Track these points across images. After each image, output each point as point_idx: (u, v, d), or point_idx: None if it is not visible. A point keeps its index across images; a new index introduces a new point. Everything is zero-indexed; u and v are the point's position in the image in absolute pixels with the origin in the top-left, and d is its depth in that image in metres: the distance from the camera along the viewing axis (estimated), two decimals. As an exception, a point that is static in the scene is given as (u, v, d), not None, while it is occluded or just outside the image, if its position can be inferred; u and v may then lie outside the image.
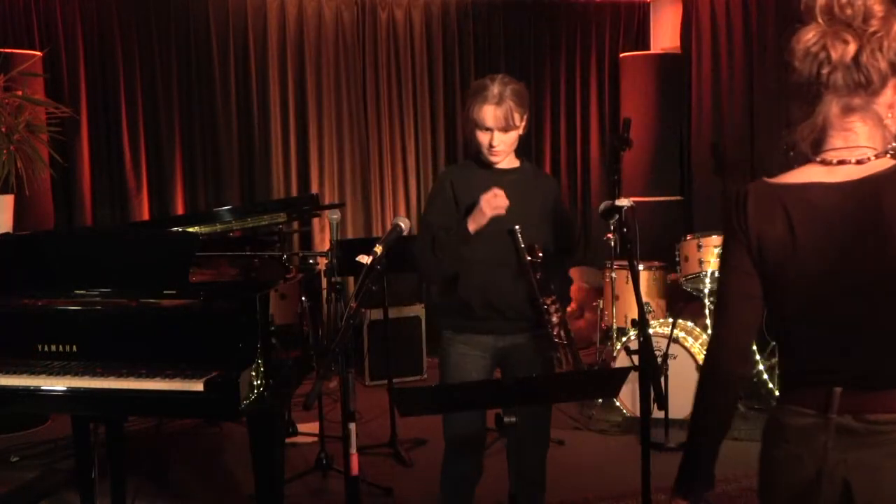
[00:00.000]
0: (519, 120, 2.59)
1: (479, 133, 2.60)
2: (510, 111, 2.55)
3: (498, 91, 2.55)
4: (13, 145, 4.48)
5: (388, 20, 6.70)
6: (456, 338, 2.68)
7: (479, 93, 2.57)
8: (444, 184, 2.71)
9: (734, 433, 4.44)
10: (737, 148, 6.57)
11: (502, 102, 2.54)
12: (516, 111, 2.57)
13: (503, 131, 2.58)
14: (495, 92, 2.55)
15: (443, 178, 2.79)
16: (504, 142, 2.60)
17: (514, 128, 2.60)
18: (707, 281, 4.72)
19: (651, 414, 2.35)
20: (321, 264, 4.08)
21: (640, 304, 2.37)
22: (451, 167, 2.87)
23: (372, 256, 2.12)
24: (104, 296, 2.94)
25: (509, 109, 2.55)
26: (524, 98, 2.61)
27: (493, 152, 2.61)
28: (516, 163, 2.73)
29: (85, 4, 5.95)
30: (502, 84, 2.57)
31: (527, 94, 2.64)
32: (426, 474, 4.09)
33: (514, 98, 2.56)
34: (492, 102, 2.55)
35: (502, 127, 2.57)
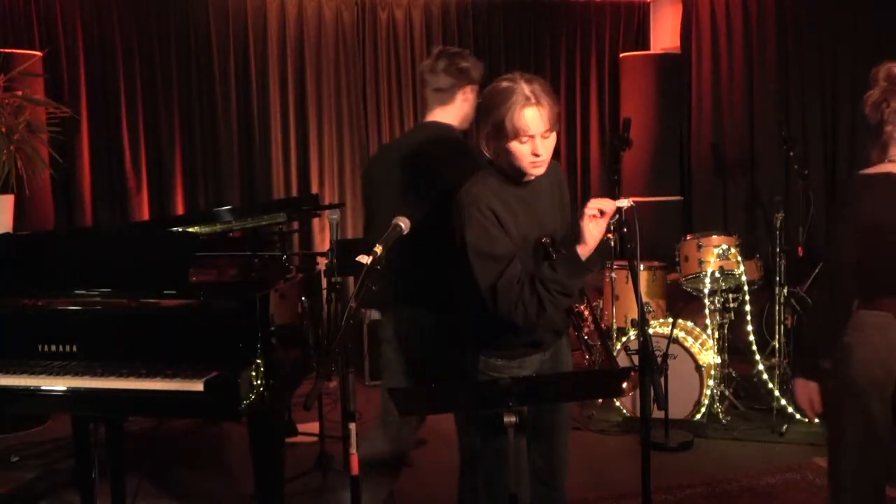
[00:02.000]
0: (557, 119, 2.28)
1: (517, 144, 2.22)
2: (551, 109, 2.22)
3: (531, 90, 2.19)
4: (13, 145, 4.48)
5: (388, 20, 6.69)
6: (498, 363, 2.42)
7: (508, 98, 2.19)
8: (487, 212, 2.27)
9: (734, 433, 4.44)
10: (737, 148, 6.57)
11: (541, 101, 2.20)
12: (555, 107, 2.25)
13: (545, 136, 2.24)
14: (528, 92, 2.19)
15: (480, 206, 2.28)
16: (547, 148, 2.26)
17: (555, 129, 2.27)
18: (707, 281, 4.72)
19: (651, 414, 2.34)
20: (321, 264, 4.08)
21: (640, 304, 2.37)
22: (479, 190, 2.31)
23: (372, 256, 2.12)
24: (104, 296, 2.94)
25: (550, 107, 2.22)
26: (552, 91, 2.27)
27: (537, 164, 2.26)
28: None
29: (85, 4, 5.95)
30: (528, 81, 2.22)
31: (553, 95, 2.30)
32: (426, 474, 4.09)
33: (547, 95, 2.22)
34: (532, 104, 2.18)
35: (546, 130, 2.23)
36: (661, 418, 4.24)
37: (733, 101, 6.57)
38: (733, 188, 6.62)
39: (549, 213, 2.43)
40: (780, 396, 4.57)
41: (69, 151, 5.74)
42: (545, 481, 2.60)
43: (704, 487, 3.77)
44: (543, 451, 2.60)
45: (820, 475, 3.86)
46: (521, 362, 2.44)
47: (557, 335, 2.51)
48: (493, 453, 2.50)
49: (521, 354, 2.44)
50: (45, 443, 4.53)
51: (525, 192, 2.38)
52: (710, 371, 4.60)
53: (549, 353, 2.52)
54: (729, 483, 3.81)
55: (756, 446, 4.28)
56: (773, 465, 4.00)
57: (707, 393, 4.54)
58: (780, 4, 6.25)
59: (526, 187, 2.39)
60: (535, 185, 2.41)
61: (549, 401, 2.48)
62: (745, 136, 6.51)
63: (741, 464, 4.05)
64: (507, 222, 2.30)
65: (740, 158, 6.54)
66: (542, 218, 2.41)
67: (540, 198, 2.42)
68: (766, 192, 6.19)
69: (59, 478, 3.98)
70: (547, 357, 2.51)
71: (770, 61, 6.30)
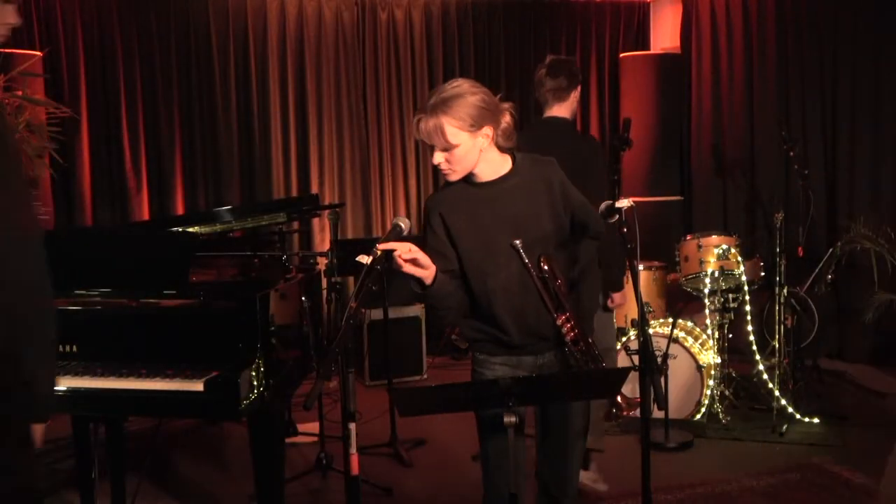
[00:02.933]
0: (459, 136, 2.25)
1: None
2: (439, 129, 2.24)
3: (433, 102, 2.25)
4: (13, 145, 4.47)
5: (388, 20, 6.69)
6: (491, 360, 2.46)
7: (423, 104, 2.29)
8: (433, 221, 2.40)
9: (734, 433, 4.44)
10: (737, 148, 6.58)
11: (431, 118, 2.24)
12: (451, 126, 2.24)
13: (442, 150, 2.28)
14: (430, 103, 2.25)
15: (430, 210, 2.41)
16: (447, 159, 2.30)
17: (453, 146, 2.26)
18: (707, 281, 4.72)
19: (651, 414, 2.34)
20: (321, 264, 4.08)
21: (640, 304, 2.37)
22: (435, 195, 2.46)
23: (372, 256, 2.12)
24: (104, 296, 2.95)
25: (438, 126, 2.24)
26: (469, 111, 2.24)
27: (441, 170, 2.35)
28: (507, 165, 2.40)
29: (85, 4, 5.95)
30: (439, 94, 2.26)
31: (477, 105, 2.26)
32: (426, 474, 4.09)
33: (447, 111, 2.23)
34: (425, 115, 2.26)
35: (438, 145, 2.27)
36: (661, 418, 4.24)
37: (733, 101, 6.57)
38: (733, 188, 6.62)
39: (526, 215, 2.38)
40: (780, 396, 4.57)
41: (69, 151, 5.74)
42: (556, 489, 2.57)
43: (704, 487, 3.77)
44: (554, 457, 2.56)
45: (820, 475, 3.87)
46: (506, 359, 2.44)
47: (544, 340, 2.44)
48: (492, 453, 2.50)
49: (507, 353, 2.44)
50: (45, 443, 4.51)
51: (490, 192, 2.38)
52: (710, 371, 4.60)
53: (547, 359, 2.47)
54: (729, 483, 3.81)
55: (756, 446, 4.29)
56: (773, 465, 4.00)
57: (707, 393, 4.54)
58: (780, 4, 6.25)
59: (488, 187, 2.38)
60: (505, 186, 2.39)
61: (549, 401, 2.48)
62: (745, 136, 6.51)
63: (741, 464, 4.05)
64: (459, 226, 2.36)
65: (740, 158, 6.55)
66: (516, 220, 2.37)
67: (511, 198, 2.38)
68: (766, 192, 6.20)
69: (59, 478, 3.98)
70: (544, 362, 2.46)
71: (770, 61, 6.30)
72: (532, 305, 2.39)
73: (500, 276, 2.37)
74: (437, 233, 2.38)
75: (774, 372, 4.77)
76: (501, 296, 2.37)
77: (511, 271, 2.37)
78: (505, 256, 2.36)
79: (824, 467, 3.95)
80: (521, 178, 2.41)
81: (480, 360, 2.49)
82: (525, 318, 2.39)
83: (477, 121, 2.27)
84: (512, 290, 2.37)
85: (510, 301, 2.38)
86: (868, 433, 4.40)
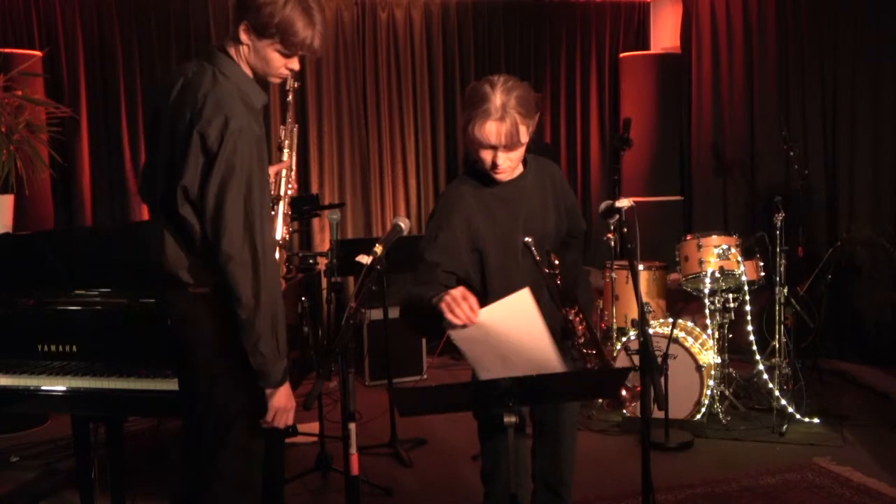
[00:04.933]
0: (525, 134, 2.27)
1: (482, 150, 2.29)
2: (515, 126, 2.22)
3: (501, 103, 2.21)
4: (13, 145, 4.47)
5: (388, 20, 6.70)
6: None
7: (479, 105, 2.23)
8: (455, 219, 2.35)
9: (734, 433, 4.44)
10: (737, 148, 6.58)
11: (506, 117, 2.21)
12: (523, 124, 2.24)
13: (508, 150, 2.27)
14: (497, 105, 2.21)
15: (451, 208, 2.37)
16: (510, 159, 2.30)
17: (521, 144, 2.28)
18: (707, 281, 4.72)
19: (651, 414, 2.34)
20: (321, 264, 4.08)
21: (640, 304, 2.37)
22: (450, 189, 2.43)
23: (372, 256, 2.12)
24: (104, 296, 2.94)
25: (514, 124, 2.22)
26: (530, 105, 2.26)
27: (498, 171, 2.31)
28: (521, 165, 2.44)
29: (85, 4, 5.95)
30: (505, 93, 2.23)
31: (533, 97, 2.28)
32: (426, 474, 4.09)
33: (519, 109, 2.22)
34: (494, 118, 2.21)
35: (507, 145, 2.25)
36: (661, 418, 4.24)
37: (733, 101, 6.57)
38: (733, 188, 6.62)
39: (535, 213, 2.41)
40: (780, 396, 4.57)
41: (69, 151, 5.74)
42: (552, 488, 2.56)
43: (704, 487, 3.77)
44: (549, 456, 2.56)
45: (820, 475, 3.87)
46: None
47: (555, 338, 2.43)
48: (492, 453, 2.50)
49: None
50: (45, 443, 4.52)
51: (505, 191, 2.40)
52: (710, 371, 4.60)
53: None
54: (729, 483, 3.81)
55: (756, 446, 4.28)
56: (773, 465, 4.00)
57: (707, 393, 4.54)
58: (780, 4, 6.25)
59: (506, 187, 2.40)
60: (518, 185, 2.41)
61: (549, 401, 2.47)
62: (745, 136, 6.51)
63: (741, 464, 4.05)
64: (484, 229, 2.34)
65: (740, 158, 6.55)
66: (527, 218, 2.39)
67: (524, 197, 2.41)
68: (766, 192, 6.19)
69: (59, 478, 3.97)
70: None
71: (770, 61, 6.30)
72: (544, 301, 2.37)
73: (518, 276, 2.38)
74: (456, 234, 2.34)
75: (774, 372, 4.77)
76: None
77: (525, 269, 2.38)
78: (521, 254, 2.37)
79: (824, 467, 3.95)
80: (532, 177, 2.45)
81: None
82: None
83: (534, 116, 2.30)
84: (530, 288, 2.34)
85: None
86: (868, 433, 4.40)
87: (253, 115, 2.20)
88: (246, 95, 2.22)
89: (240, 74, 2.24)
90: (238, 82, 2.22)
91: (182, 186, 2.15)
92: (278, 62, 2.24)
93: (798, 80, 6.13)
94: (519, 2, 7.03)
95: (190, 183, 2.14)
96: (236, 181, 2.11)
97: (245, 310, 2.13)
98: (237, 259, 2.12)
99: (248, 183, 2.13)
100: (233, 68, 2.23)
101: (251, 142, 2.14)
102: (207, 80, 2.18)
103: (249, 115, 2.18)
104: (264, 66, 2.25)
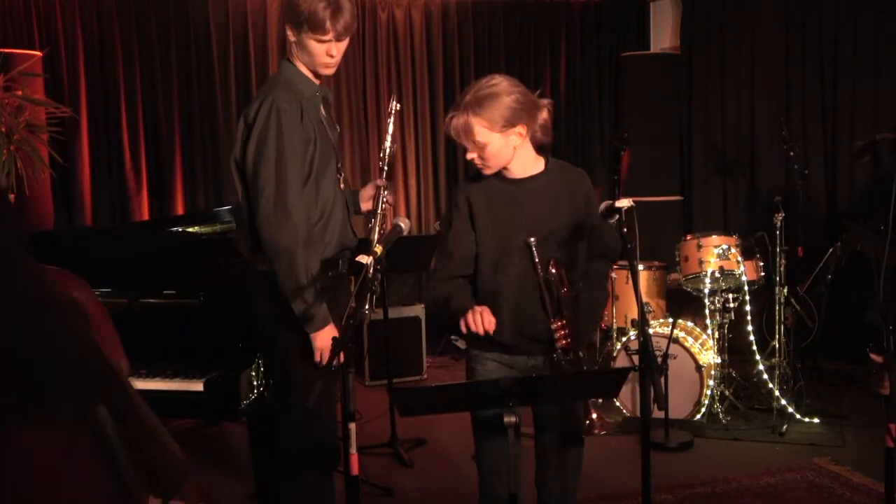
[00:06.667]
0: (485, 135, 2.31)
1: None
2: (467, 125, 2.31)
3: (465, 100, 2.33)
4: (13, 145, 4.48)
5: (388, 20, 6.70)
6: (484, 355, 2.49)
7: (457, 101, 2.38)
8: (460, 202, 2.47)
9: (734, 433, 4.44)
10: (737, 148, 6.57)
11: (460, 115, 2.32)
12: (478, 124, 2.30)
13: (472, 145, 2.35)
14: (463, 101, 2.33)
15: (457, 195, 2.50)
16: (479, 157, 2.37)
17: (476, 142, 2.33)
18: (707, 281, 4.72)
19: (651, 414, 2.34)
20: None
21: (640, 304, 2.37)
22: (465, 182, 2.53)
23: (372, 256, 2.12)
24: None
25: (466, 122, 2.31)
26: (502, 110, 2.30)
27: (480, 167, 2.41)
28: (539, 166, 2.47)
29: (85, 4, 5.95)
30: (475, 92, 2.32)
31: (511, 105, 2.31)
32: (426, 474, 4.09)
33: (476, 110, 2.30)
34: (454, 112, 2.34)
35: (463, 139, 2.35)
36: (661, 418, 4.24)
37: (733, 101, 6.57)
38: (733, 188, 6.62)
39: (543, 217, 2.41)
40: (780, 396, 4.57)
41: (69, 151, 5.74)
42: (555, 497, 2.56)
43: (704, 487, 3.77)
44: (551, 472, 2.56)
45: (820, 475, 3.87)
46: (498, 356, 2.47)
47: (536, 343, 2.44)
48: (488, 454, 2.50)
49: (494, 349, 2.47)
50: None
51: (516, 189, 2.44)
52: (710, 371, 4.60)
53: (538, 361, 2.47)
54: (729, 483, 3.81)
55: (756, 446, 4.28)
56: (773, 465, 4.00)
57: (707, 393, 4.54)
58: (779, 4, 6.25)
59: (518, 185, 2.44)
60: (528, 186, 2.44)
61: (550, 401, 2.48)
62: (745, 136, 6.51)
63: (741, 464, 4.05)
64: (481, 213, 2.43)
65: (740, 158, 6.54)
66: (532, 220, 2.41)
67: (533, 199, 2.42)
68: (766, 192, 6.19)
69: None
70: (536, 364, 2.47)
71: (770, 61, 6.30)
72: (531, 306, 2.40)
73: (511, 273, 2.40)
74: (462, 213, 2.46)
75: (774, 372, 4.76)
76: (507, 292, 2.41)
77: (520, 270, 2.39)
78: (518, 254, 2.39)
79: (824, 467, 3.95)
80: (549, 180, 2.47)
81: (474, 356, 2.53)
82: (521, 319, 2.41)
83: (509, 120, 2.33)
84: (517, 289, 2.40)
85: (513, 299, 2.40)
86: (868, 433, 4.40)
87: (296, 99, 2.53)
88: (293, 85, 2.58)
89: (290, 70, 2.62)
90: (288, 76, 2.61)
91: (233, 158, 2.59)
92: (318, 50, 2.56)
93: (798, 80, 6.13)
94: (519, 2, 7.03)
95: (238, 154, 2.57)
96: (269, 148, 2.46)
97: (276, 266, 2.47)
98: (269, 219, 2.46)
99: (277, 149, 2.46)
100: (286, 66, 2.63)
101: (286, 117, 2.47)
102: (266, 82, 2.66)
103: (291, 98, 2.52)
104: (309, 57, 2.58)
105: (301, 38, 2.55)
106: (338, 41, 2.56)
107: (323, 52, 2.56)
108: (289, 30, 2.58)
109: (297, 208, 2.50)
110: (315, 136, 2.58)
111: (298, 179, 2.52)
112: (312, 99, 2.63)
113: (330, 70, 2.63)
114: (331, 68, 2.62)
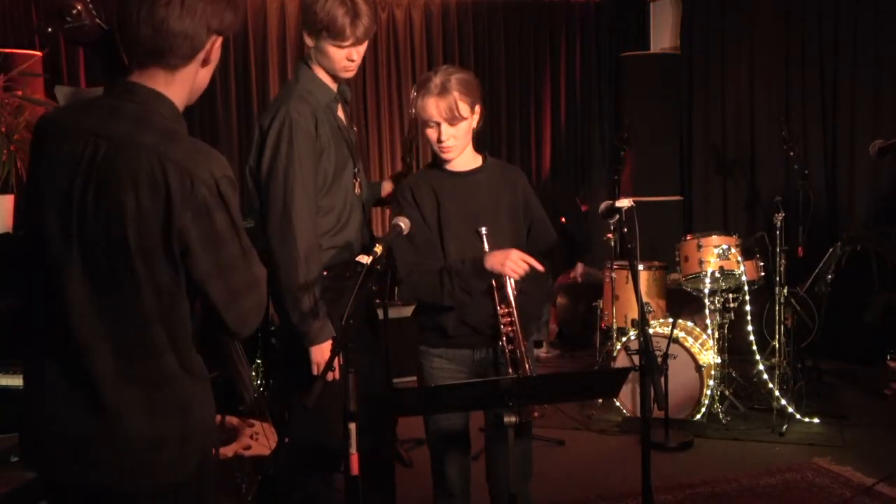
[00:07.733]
0: (467, 111, 2.44)
1: (428, 129, 2.47)
2: (455, 102, 2.40)
3: (440, 81, 2.41)
4: (13, 145, 4.47)
5: (388, 20, 6.70)
6: (431, 351, 2.56)
7: (423, 86, 2.44)
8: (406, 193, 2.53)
9: (734, 433, 4.44)
10: (737, 148, 6.58)
11: (444, 93, 2.40)
12: (462, 101, 2.42)
13: (450, 123, 2.43)
14: (437, 83, 2.41)
15: (401, 191, 2.57)
16: (453, 136, 2.45)
17: (462, 119, 2.43)
18: (707, 281, 4.72)
19: (651, 414, 2.34)
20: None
21: (640, 304, 2.37)
22: (407, 179, 2.64)
23: (372, 256, 2.12)
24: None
25: (454, 100, 2.40)
26: (471, 87, 2.45)
27: (442, 148, 2.47)
28: (478, 161, 2.57)
29: (85, 4, 5.95)
30: (445, 74, 2.44)
31: (476, 83, 2.48)
32: (426, 474, 4.08)
33: (458, 87, 2.41)
34: (434, 94, 2.41)
35: (448, 118, 2.42)
36: (661, 418, 4.24)
37: (733, 101, 6.57)
38: (733, 188, 6.62)
39: (486, 210, 2.49)
40: (780, 396, 4.57)
41: (69, 151, 5.73)
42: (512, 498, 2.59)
43: (704, 487, 3.77)
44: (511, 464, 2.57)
45: (820, 475, 3.87)
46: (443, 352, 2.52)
47: (479, 335, 2.48)
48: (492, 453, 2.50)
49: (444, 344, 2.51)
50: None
51: (461, 183, 2.52)
52: (710, 371, 4.60)
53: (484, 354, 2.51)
54: (729, 483, 3.81)
55: (756, 446, 4.28)
56: (773, 465, 4.00)
57: (707, 393, 4.54)
58: (779, 4, 6.25)
59: (462, 179, 2.52)
60: (473, 179, 2.52)
61: (549, 401, 2.49)
62: (745, 136, 6.51)
63: (741, 464, 4.05)
64: (424, 205, 2.50)
65: (740, 158, 6.54)
66: (477, 213, 2.48)
67: (478, 193, 2.50)
68: (766, 192, 6.19)
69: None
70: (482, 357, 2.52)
71: (770, 61, 6.30)
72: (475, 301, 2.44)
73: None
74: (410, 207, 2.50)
75: (774, 372, 4.77)
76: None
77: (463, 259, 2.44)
78: (461, 244, 2.46)
79: (824, 467, 3.95)
80: (489, 174, 2.56)
81: (422, 352, 2.58)
82: (461, 312, 2.46)
83: (475, 99, 2.47)
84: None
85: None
86: (868, 433, 4.40)
87: (310, 110, 2.52)
88: (309, 93, 2.56)
89: (307, 76, 2.60)
90: (304, 83, 2.58)
91: (248, 166, 2.64)
92: (338, 56, 2.56)
93: (798, 80, 6.13)
94: (519, 2, 7.04)
95: (252, 163, 2.62)
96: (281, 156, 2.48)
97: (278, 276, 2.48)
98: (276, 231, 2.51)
99: (287, 163, 2.48)
100: (302, 72, 2.61)
101: (298, 130, 2.48)
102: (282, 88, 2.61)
103: (306, 109, 2.51)
104: (329, 62, 2.58)
105: (320, 44, 2.54)
106: (357, 45, 2.57)
107: (343, 57, 2.57)
108: (306, 36, 2.57)
109: (304, 223, 2.51)
110: (330, 145, 2.57)
111: (307, 193, 2.52)
112: (329, 106, 2.62)
113: (350, 73, 2.65)
114: (351, 72, 2.64)
